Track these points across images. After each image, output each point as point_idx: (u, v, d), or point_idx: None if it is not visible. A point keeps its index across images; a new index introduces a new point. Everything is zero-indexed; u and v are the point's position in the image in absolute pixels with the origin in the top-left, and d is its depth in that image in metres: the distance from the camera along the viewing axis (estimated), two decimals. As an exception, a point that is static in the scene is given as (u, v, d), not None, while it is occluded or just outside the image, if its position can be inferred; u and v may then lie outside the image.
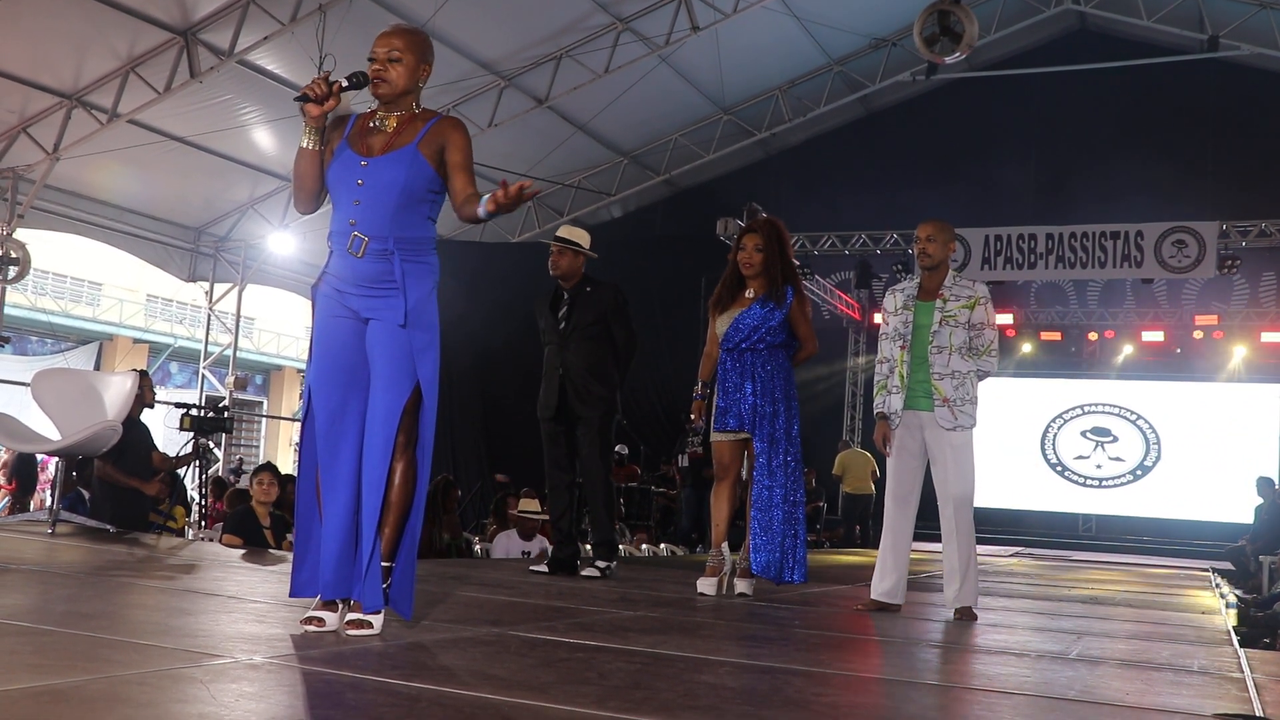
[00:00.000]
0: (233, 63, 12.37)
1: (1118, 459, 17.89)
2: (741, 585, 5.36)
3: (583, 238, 6.28)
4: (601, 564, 6.03)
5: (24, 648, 2.81)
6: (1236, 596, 9.81)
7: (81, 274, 25.19)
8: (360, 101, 3.44)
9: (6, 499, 13.76)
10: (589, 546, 6.42)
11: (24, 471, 13.01)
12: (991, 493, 16.42)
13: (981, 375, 5.00)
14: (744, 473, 5.43)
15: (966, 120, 16.61)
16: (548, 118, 15.47)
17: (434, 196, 3.30)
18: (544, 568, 6.16)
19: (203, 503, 9.64)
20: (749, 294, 5.37)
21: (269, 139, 14.21)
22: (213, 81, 12.58)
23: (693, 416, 5.74)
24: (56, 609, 3.66)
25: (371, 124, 3.32)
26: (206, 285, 16.54)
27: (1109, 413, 18.04)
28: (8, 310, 14.41)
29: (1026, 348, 17.55)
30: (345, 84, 3.24)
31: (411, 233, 3.24)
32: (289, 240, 15.96)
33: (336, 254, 3.26)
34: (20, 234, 13.46)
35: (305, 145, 3.27)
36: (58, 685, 2.28)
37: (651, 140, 17.26)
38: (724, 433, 5.36)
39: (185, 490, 9.18)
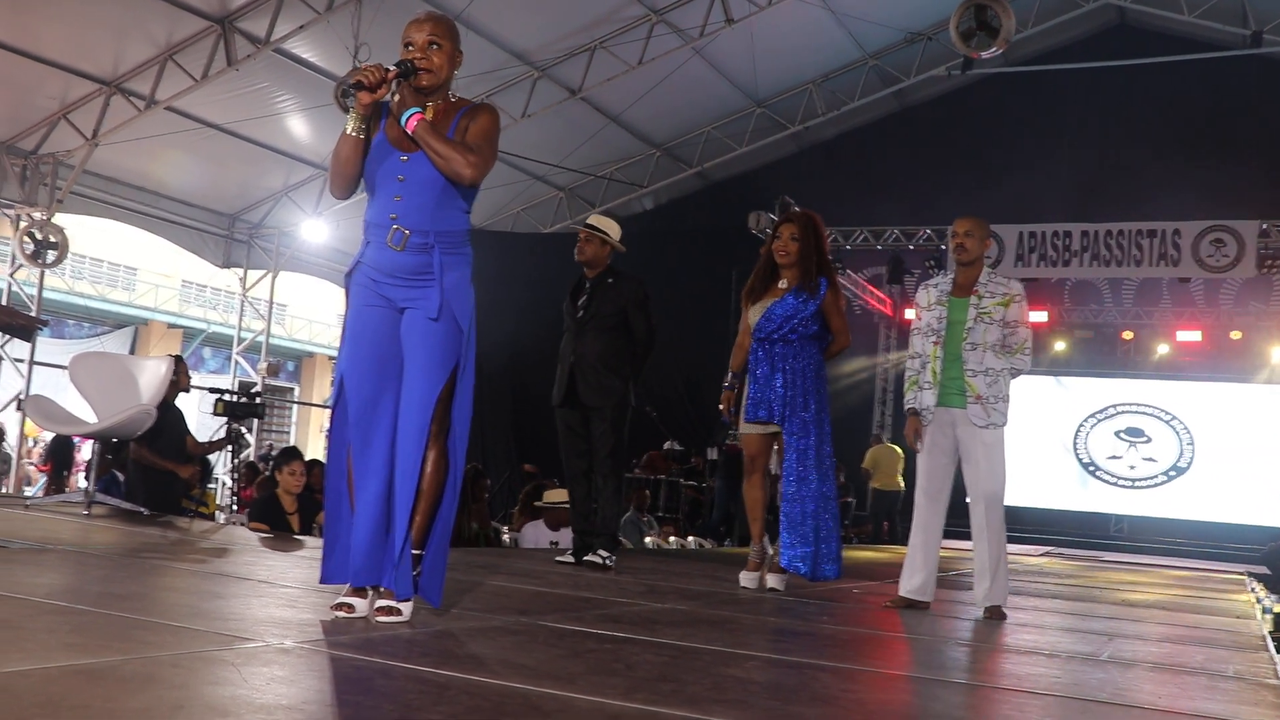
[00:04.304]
0: (269, 51, 12.44)
1: (1151, 459, 17.71)
2: (773, 580, 5.35)
3: (612, 228, 6.28)
4: (604, 553, 6.01)
5: (61, 627, 2.84)
6: (1273, 601, 9.70)
7: (118, 259, 25.41)
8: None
9: (43, 480, 13.93)
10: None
11: (61, 453, 13.15)
12: (1023, 491, 16.31)
13: (1015, 373, 4.96)
14: (774, 467, 5.41)
15: (1002, 116, 16.45)
16: (581, 109, 15.46)
17: (469, 189, 3.30)
18: (570, 558, 6.17)
19: (234, 487, 9.72)
20: (782, 284, 5.34)
21: (304, 127, 14.28)
22: (249, 69, 12.66)
23: (721, 407, 5.71)
24: (92, 589, 3.70)
25: None
26: (240, 271, 16.65)
27: (1143, 413, 17.86)
28: (46, 294, 14.56)
29: (1060, 346, 17.40)
30: (397, 72, 3.25)
31: (450, 226, 3.26)
32: (322, 228, 16.04)
33: (374, 245, 3.26)
34: (59, 218, 13.59)
35: (350, 131, 3.27)
36: (93, 664, 2.31)
37: (684, 132, 17.22)
38: (754, 424, 5.33)
39: (212, 474, 9.25)
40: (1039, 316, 16.25)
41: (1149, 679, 3.59)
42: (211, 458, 8.93)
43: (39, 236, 13.43)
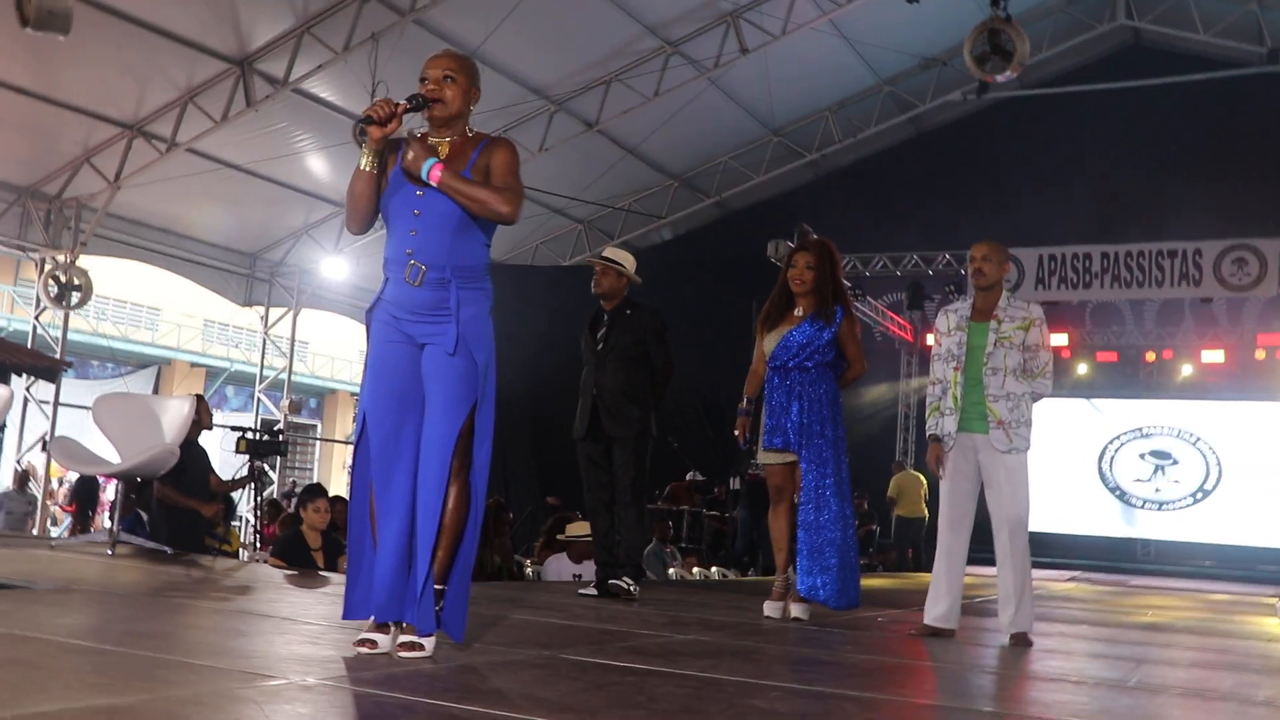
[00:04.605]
0: (288, 91, 12.58)
1: (1177, 482, 17.54)
2: (797, 610, 5.31)
3: (627, 260, 6.31)
4: (628, 580, 6.00)
5: (85, 666, 2.86)
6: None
7: (141, 300, 25.64)
8: (411, 123, 3.48)
9: (68, 520, 14.01)
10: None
11: (85, 494, 13.24)
12: (1047, 516, 16.18)
13: (1036, 397, 4.94)
14: (796, 496, 5.39)
15: (1019, 139, 16.45)
16: (598, 141, 15.56)
17: (487, 223, 3.32)
18: (593, 590, 6.15)
19: (257, 525, 9.75)
20: (798, 312, 5.35)
21: (323, 165, 14.41)
22: (268, 110, 12.80)
23: (736, 433, 5.70)
24: (116, 629, 3.72)
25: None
26: (262, 310, 16.78)
27: (1168, 435, 17.72)
28: (70, 335, 14.69)
29: (1082, 369, 17.30)
30: (408, 106, 3.28)
31: (468, 261, 3.27)
32: (342, 265, 16.15)
33: (393, 281, 3.29)
34: (82, 261, 13.74)
35: (363, 167, 3.30)
36: (117, 704, 2.31)
37: (701, 163, 17.30)
38: (771, 452, 5.33)
39: (235, 511, 9.28)
40: (1060, 340, 16.18)
41: (1177, 705, 3.55)
42: (234, 495, 8.96)
43: (63, 279, 13.58)
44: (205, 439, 7.91)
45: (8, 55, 11.18)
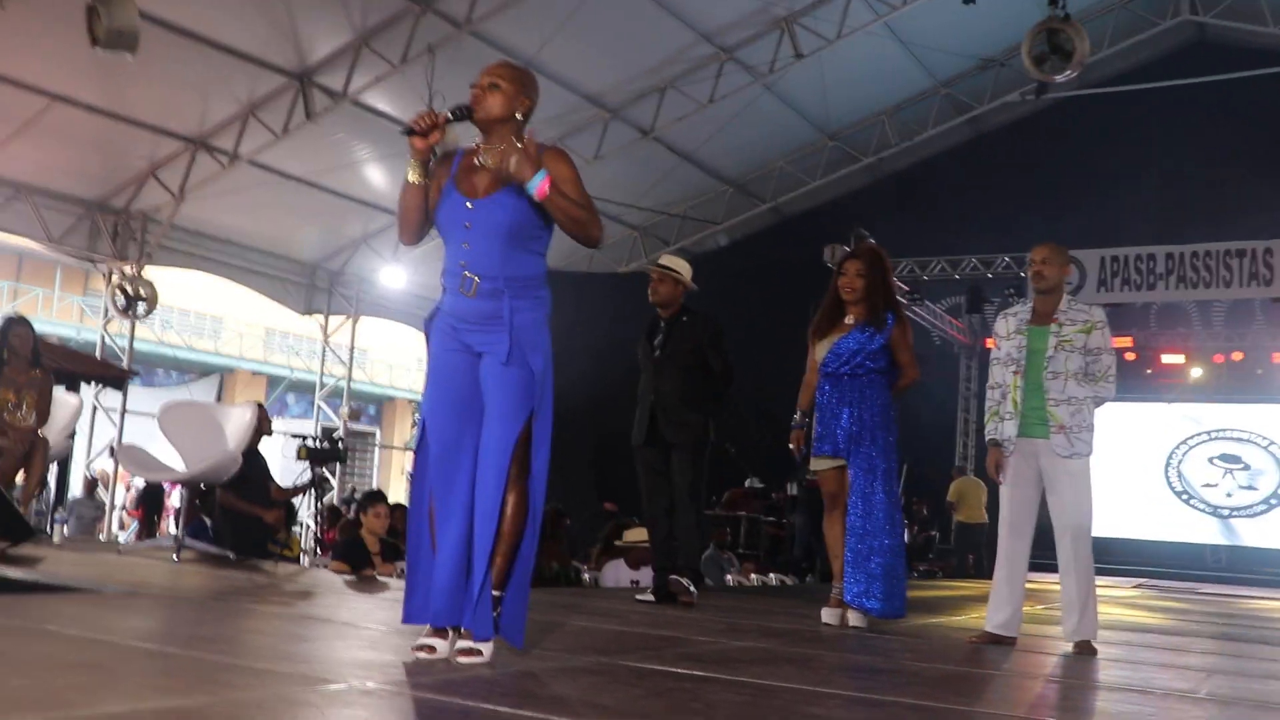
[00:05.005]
0: (346, 103, 12.74)
1: (1250, 487, 17.16)
2: (855, 617, 5.27)
3: (683, 267, 6.32)
4: (687, 581, 6.00)
5: (151, 669, 2.91)
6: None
7: (204, 310, 26.10)
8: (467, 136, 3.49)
9: (135, 525, 14.28)
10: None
11: (151, 500, 13.49)
12: (1113, 521, 15.92)
13: (1098, 401, 4.86)
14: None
15: (1080, 139, 16.19)
16: (653, 148, 15.57)
17: (541, 232, 3.33)
18: (651, 596, 6.15)
19: (318, 530, 9.87)
20: (849, 320, 5.33)
21: (381, 176, 14.57)
22: (327, 122, 12.97)
23: (791, 447, 5.69)
24: (181, 633, 3.78)
25: (476, 161, 3.38)
26: (322, 318, 16.99)
27: (1238, 439, 17.35)
28: (136, 345, 14.98)
29: (1148, 371, 16.99)
30: (450, 116, 3.30)
31: (521, 270, 3.29)
32: (400, 274, 16.31)
33: (450, 292, 3.32)
34: (148, 271, 14.03)
35: (410, 179, 3.34)
36: (182, 706, 2.35)
37: (757, 168, 17.24)
38: (821, 459, 5.31)
39: (296, 518, 9.39)
40: (1124, 342, 15.93)
41: (1251, 718, 3.46)
42: (295, 501, 9.07)
43: (130, 290, 13.86)
44: (266, 446, 8.02)
45: (79, 74, 11.44)
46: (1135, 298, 14.69)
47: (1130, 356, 16.45)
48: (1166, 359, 16.96)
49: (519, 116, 3.37)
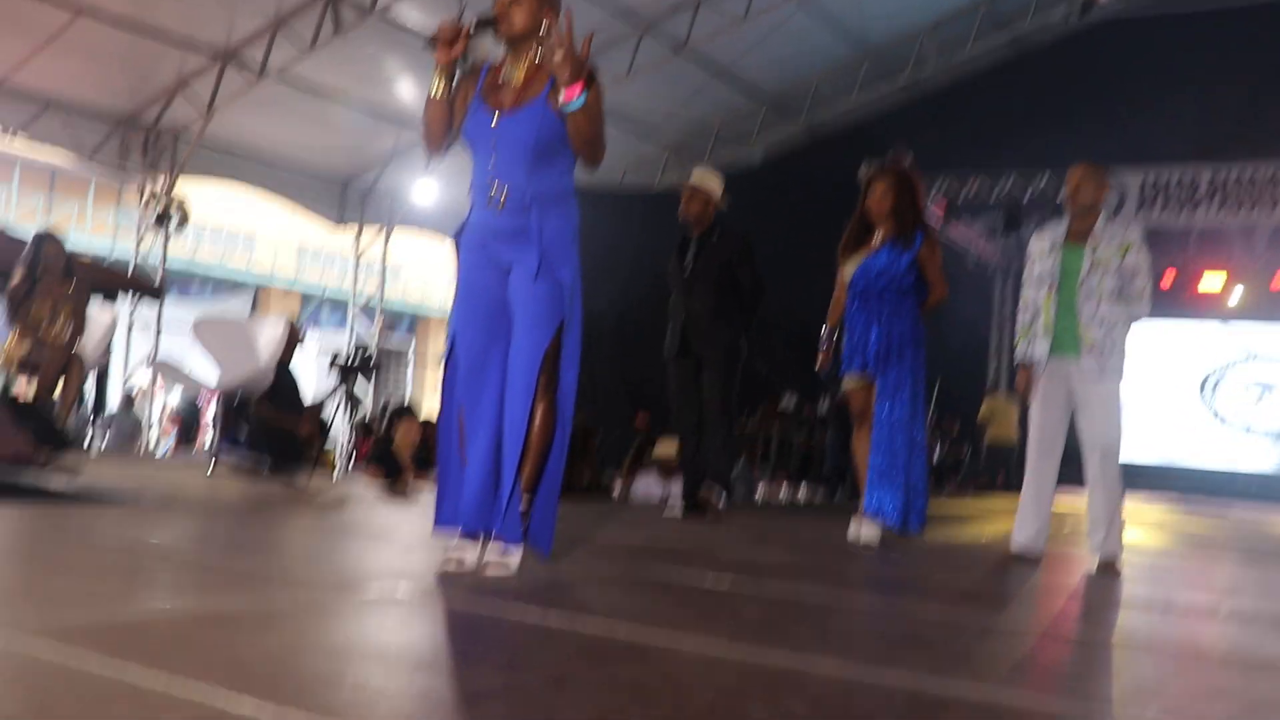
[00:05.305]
0: (375, 18, 12.62)
1: (1285, 411, 17.03)
2: (872, 532, 5.26)
3: (714, 184, 6.29)
4: (716, 490, 6.05)
5: (187, 575, 2.98)
6: None
7: (237, 227, 26.19)
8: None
9: (172, 438, 14.51)
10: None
11: (188, 413, 13.68)
12: (1146, 444, 15.87)
13: (1132, 322, 4.81)
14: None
15: (1122, 59, 15.78)
16: (685, 65, 15.34)
17: (568, 147, 3.31)
18: (680, 508, 6.22)
19: (351, 446, 9.99)
20: (877, 238, 5.29)
21: (412, 90, 14.46)
22: (357, 36, 12.86)
23: (818, 365, 5.69)
24: (217, 542, 3.86)
25: (501, 76, 3.35)
26: (354, 233, 17.03)
27: (1276, 361, 17.15)
28: (170, 262, 15.08)
29: (1188, 293, 16.75)
30: (474, 27, 3.27)
31: (548, 184, 3.27)
32: (433, 188, 16.27)
33: (478, 206, 3.32)
34: (179, 186, 14.07)
35: (433, 93, 3.33)
36: (218, 611, 2.42)
37: (792, 85, 16.96)
38: (850, 376, 5.32)
39: (329, 431, 9.47)
40: (1164, 264, 15.72)
41: (1272, 634, 3.48)
42: (327, 416, 9.17)
43: (162, 206, 13.91)
44: (298, 360, 8.09)
45: (106, -15, 11.38)
46: (1176, 220, 14.44)
47: (1170, 278, 16.23)
48: (1206, 281, 16.69)
49: (544, 32, 3.33)
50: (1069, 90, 15.92)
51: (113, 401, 14.71)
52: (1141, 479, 14.29)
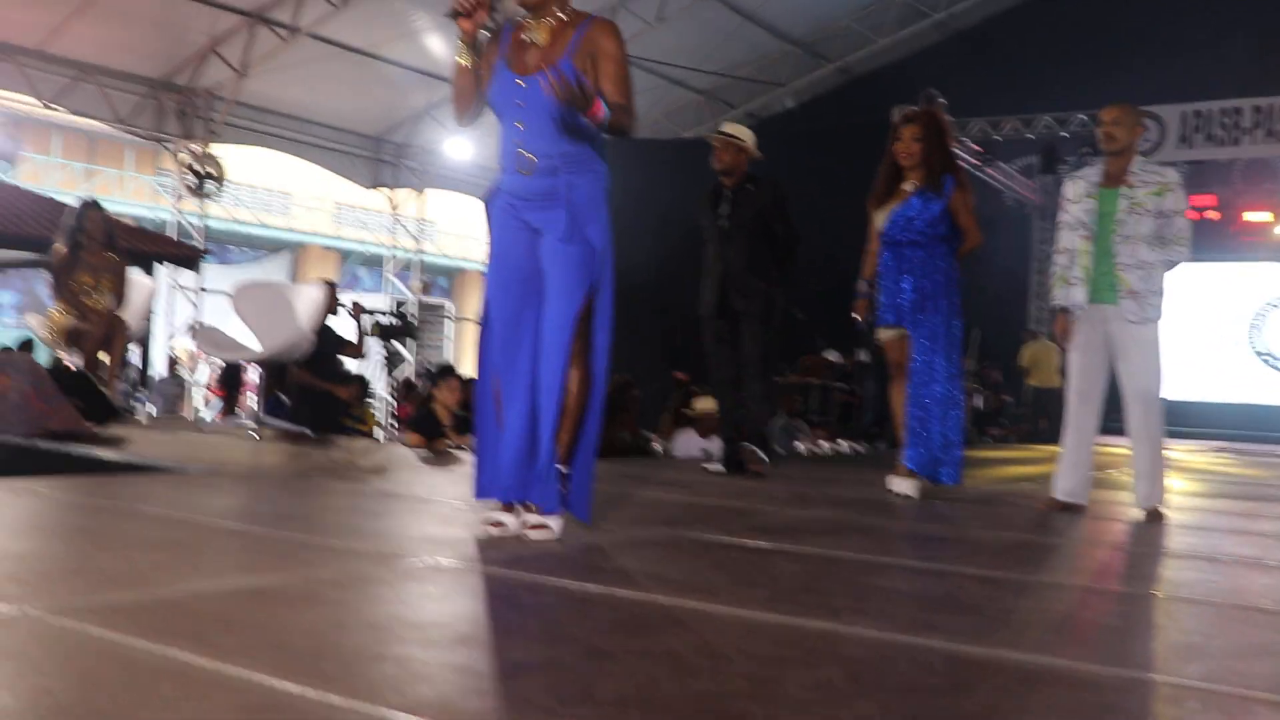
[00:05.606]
0: (404, -27, 12.56)
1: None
2: (908, 485, 5.24)
3: (746, 135, 6.22)
4: (757, 451, 6.06)
5: (231, 548, 3.03)
6: None
7: (273, 186, 26.29)
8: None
9: (218, 404, 14.69)
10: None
11: (232, 378, 13.84)
12: (1192, 385, 15.68)
13: (1170, 266, 4.74)
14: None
15: (1162, -5, 15.40)
16: (716, 9, 15.17)
17: None
18: (720, 466, 6.23)
19: (393, 405, 10.07)
20: (907, 186, 5.22)
21: (441, 46, 14.41)
22: (386, -8, 12.82)
23: (855, 315, 5.65)
24: (261, 511, 3.92)
25: (524, 36, 3.33)
26: (389, 191, 17.06)
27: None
28: (209, 223, 15.21)
29: (1232, 229, 16.43)
30: None
31: (576, 146, 3.25)
32: (466, 145, 16.27)
33: (506, 171, 3.31)
34: (214, 149, 14.14)
35: (460, 61, 3.31)
36: (262, 584, 2.46)
37: (824, 27, 16.74)
38: (886, 328, 5.28)
39: (370, 392, 9.51)
40: (1206, 200, 15.43)
41: (1319, 582, 3.44)
42: (368, 375, 9.23)
43: (199, 169, 14.00)
44: (337, 322, 8.15)
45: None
46: (1219, 153, 14.13)
47: (1213, 215, 15.94)
48: (1251, 216, 16.36)
49: None
50: (1106, 29, 15.56)
51: (157, 367, 14.91)
52: (1188, 418, 14.12)
